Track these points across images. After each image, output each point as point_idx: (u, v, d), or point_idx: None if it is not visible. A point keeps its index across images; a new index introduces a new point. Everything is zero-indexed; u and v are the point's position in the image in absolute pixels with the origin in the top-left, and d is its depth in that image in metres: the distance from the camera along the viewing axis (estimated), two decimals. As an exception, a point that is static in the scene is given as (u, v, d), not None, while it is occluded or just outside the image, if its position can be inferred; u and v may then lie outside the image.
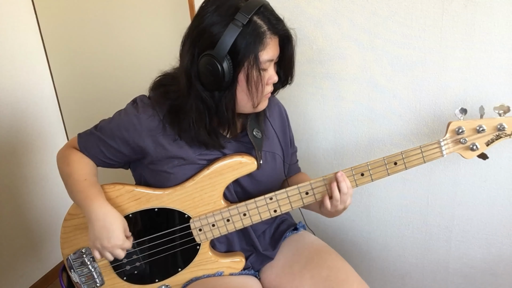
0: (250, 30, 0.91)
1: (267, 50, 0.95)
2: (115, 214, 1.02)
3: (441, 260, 1.51)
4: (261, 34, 0.93)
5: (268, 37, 0.94)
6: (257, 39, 0.92)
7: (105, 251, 1.02)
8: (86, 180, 1.05)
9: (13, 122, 1.84)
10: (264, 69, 0.97)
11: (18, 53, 1.85)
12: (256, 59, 0.93)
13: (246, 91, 0.97)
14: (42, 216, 2.03)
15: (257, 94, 0.98)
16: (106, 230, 1.00)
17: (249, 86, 0.96)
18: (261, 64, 0.95)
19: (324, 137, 1.52)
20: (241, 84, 0.97)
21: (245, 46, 0.92)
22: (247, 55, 0.93)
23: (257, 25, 0.93)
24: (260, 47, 0.93)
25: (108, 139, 1.07)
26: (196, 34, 0.95)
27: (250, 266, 1.18)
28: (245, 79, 0.95)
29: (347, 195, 1.03)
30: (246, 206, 1.08)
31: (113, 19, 1.78)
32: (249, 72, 0.94)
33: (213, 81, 0.94)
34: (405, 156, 1.04)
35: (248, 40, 0.92)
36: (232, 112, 1.01)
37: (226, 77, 0.93)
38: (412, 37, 1.28)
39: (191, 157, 1.06)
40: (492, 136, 1.02)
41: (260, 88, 0.97)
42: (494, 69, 1.23)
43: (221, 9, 0.93)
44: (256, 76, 0.95)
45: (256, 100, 0.99)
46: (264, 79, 0.98)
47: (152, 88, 1.10)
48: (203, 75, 0.95)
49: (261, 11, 0.94)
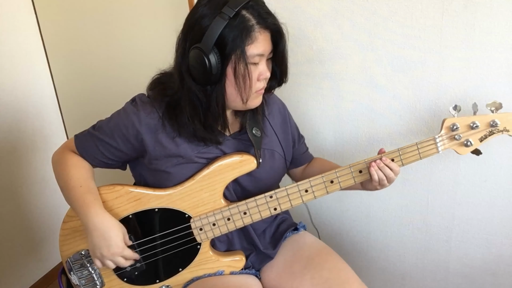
0: (237, 23, 0.91)
1: (256, 44, 0.94)
2: (112, 221, 1.02)
3: (441, 260, 1.51)
4: (248, 28, 0.92)
5: (256, 31, 0.94)
6: (244, 33, 0.92)
7: (105, 259, 1.02)
8: (82, 187, 1.04)
9: (13, 122, 1.84)
10: (253, 63, 0.97)
11: (18, 53, 1.85)
12: (242, 53, 0.93)
13: (235, 86, 0.97)
14: (42, 216, 2.03)
15: (245, 88, 0.97)
16: (104, 239, 1.00)
17: (237, 80, 0.96)
18: (248, 58, 0.94)
19: (324, 137, 1.52)
20: (229, 78, 0.96)
21: (232, 39, 0.92)
22: (234, 48, 0.92)
23: (245, 19, 0.92)
24: (248, 41, 0.93)
25: (108, 138, 1.06)
26: (187, 27, 0.96)
27: (251, 265, 1.18)
28: (233, 73, 0.95)
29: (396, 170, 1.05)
30: (247, 205, 1.08)
31: (113, 19, 1.78)
32: (236, 65, 0.94)
33: (202, 74, 0.94)
34: (402, 152, 1.05)
35: (235, 33, 0.91)
36: (222, 107, 1.00)
37: (214, 70, 0.93)
38: (412, 37, 1.28)
39: (189, 156, 1.06)
40: (485, 132, 1.04)
41: (248, 83, 0.97)
42: (494, 69, 1.23)
43: (212, 2, 0.93)
44: (243, 70, 0.94)
45: (245, 96, 0.98)
46: (252, 74, 0.97)
47: (150, 86, 1.10)
48: (192, 69, 0.95)
49: (251, 4, 0.93)
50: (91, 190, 1.05)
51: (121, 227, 1.03)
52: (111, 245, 1.00)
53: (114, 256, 1.02)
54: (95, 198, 1.03)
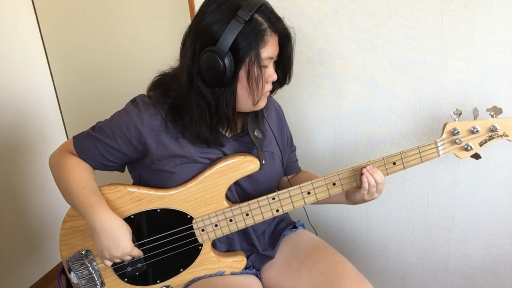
0: (251, 27, 0.93)
1: (268, 47, 0.96)
2: (119, 221, 1.02)
3: (441, 260, 1.51)
4: (262, 31, 0.95)
5: (268, 34, 0.96)
6: (258, 36, 0.94)
7: (114, 259, 1.03)
8: (85, 188, 1.03)
9: (13, 122, 1.84)
10: (265, 66, 0.98)
11: (18, 53, 1.84)
12: (257, 56, 0.95)
13: (247, 88, 0.98)
14: (42, 216, 2.03)
15: (258, 91, 0.99)
16: (112, 240, 1.00)
17: (249, 83, 0.97)
18: (262, 61, 0.96)
19: (324, 137, 1.52)
20: (241, 81, 0.98)
21: (246, 42, 0.93)
22: (248, 51, 0.94)
23: (258, 23, 0.94)
24: (261, 44, 0.95)
25: (108, 140, 1.06)
26: (197, 32, 0.96)
27: (251, 265, 1.19)
28: (246, 75, 0.97)
29: (382, 184, 1.05)
30: (249, 206, 1.08)
31: (113, 19, 1.78)
32: (250, 68, 0.96)
33: (215, 77, 0.95)
34: (403, 156, 1.06)
35: (250, 36, 0.93)
36: (233, 109, 1.01)
37: (227, 73, 0.94)
38: (412, 37, 1.28)
39: (193, 156, 1.06)
40: (485, 137, 1.05)
41: (260, 85, 0.98)
42: (494, 69, 1.24)
43: (222, 6, 0.94)
44: (257, 73, 0.96)
45: (257, 97, 1.00)
46: (265, 76, 0.99)
47: (151, 87, 1.09)
48: (204, 71, 0.95)
49: (262, 9, 0.95)
50: (94, 190, 1.04)
51: (127, 227, 1.03)
52: (120, 246, 1.00)
53: (123, 256, 1.02)
54: (99, 198, 1.03)
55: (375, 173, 1.04)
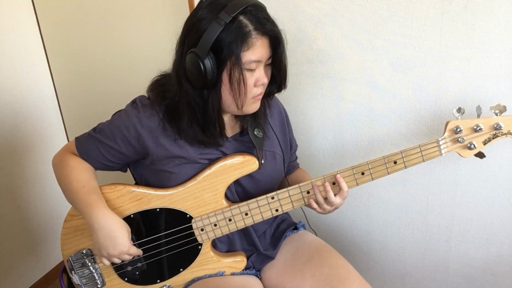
0: (233, 28, 0.91)
1: (252, 50, 0.93)
2: (117, 220, 1.02)
3: (441, 260, 1.51)
4: (245, 34, 0.92)
5: (253, 37, 0.93)
6: (240, 39, 0.91)
7: (112, 258, 1.03)
8: (85, 187, 1.04)
9: (13, 122, 1.84)
10: (250, 70, 0.96)
11: (18, 53, 1.84)
12: (237, 59, 0.92)
13: (230, 91, 0.96)
14: (42, 216, 2.03)
15: (240, 94, 0.97)
16: (110, 239, 1.01)
17: (232, 86, 0.95)
18: (243, 64, 0.94)
19: (324, 137, 1.52)
20: (225, 83, 0.96)
21: (227, 44, 0.91)
22: (229, 54, 0.92)
23: (242, 25, 0.91)
24: (244, 47, 0.92)
25: (109, 141, 1.06)
26: (185, 31, 0.96)
27: (252, 265, 1.18)
28: (228, 78, 0.95)
29: (344, 194, 1.05)
30: (248, 206, 1.08)
31: (113, 19, 1.78)
32: (232, 71, 0.93)
33: (198, 79, 0.94)
34: (404, 155, 1.05)
35: (231, 39, 0.91)
36: (218, 112, 1.00)
37: (209, 75, 0.93)
38: (412, 37, 1.28)
39: (192, 156, 1.06)
40: (489, 135, 1.04)
41: (243, 89, 0.96)
42: (494, 69, 1.24)
43: (211, 6, 0.93)
44: (238, 76, 0.94)
45: (240, 102, 0.98)
46: (248, 80, 0.96)
47: (150, 88, 1.09)
48: (189, 73, 0.95)
49: (249, 10, 0.92)
50: (94, 190, 1.05)
51: (125, 226, 1.04)
52: (117, 245, 1.01)
53: (120, 255, 1.03)
54: (99, 197, 1.04)
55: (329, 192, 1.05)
